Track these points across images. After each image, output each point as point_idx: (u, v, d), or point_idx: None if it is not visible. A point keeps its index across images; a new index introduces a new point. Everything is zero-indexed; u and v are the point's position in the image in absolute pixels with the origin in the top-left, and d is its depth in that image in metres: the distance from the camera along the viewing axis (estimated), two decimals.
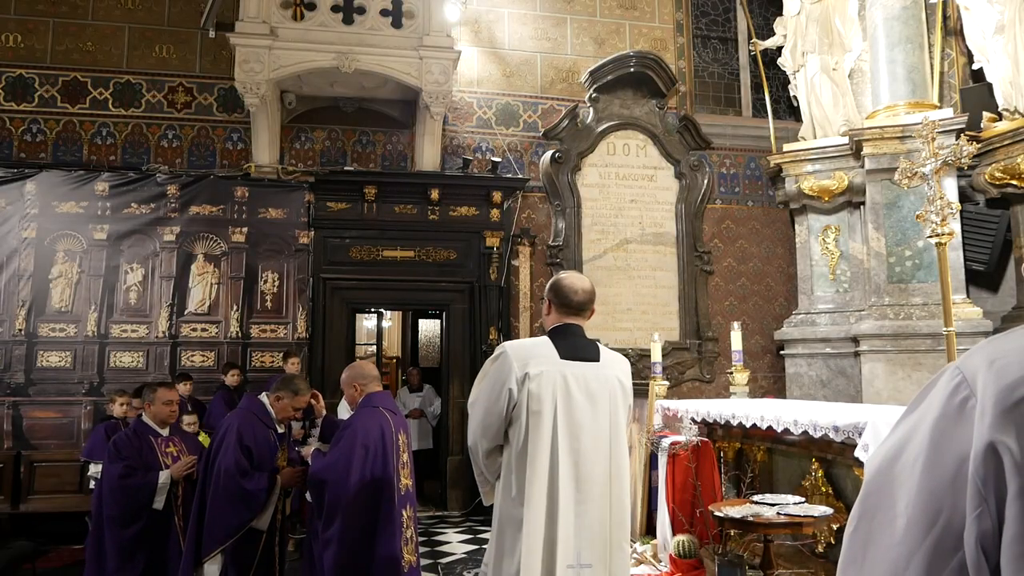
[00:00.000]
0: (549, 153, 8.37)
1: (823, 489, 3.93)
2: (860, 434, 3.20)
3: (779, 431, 3.79)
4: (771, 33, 8.83)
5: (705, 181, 8.78)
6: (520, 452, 2.33)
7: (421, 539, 4.90)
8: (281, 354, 7.16)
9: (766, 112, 8.74)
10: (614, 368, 2.52)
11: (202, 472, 3.73)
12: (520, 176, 8.29)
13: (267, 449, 3.72)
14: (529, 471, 2.29)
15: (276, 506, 3.70)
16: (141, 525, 3.79)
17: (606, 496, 2.36)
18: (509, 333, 8.05)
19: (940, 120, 6.06)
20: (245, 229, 7.50)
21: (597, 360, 2.49)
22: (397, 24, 7.50)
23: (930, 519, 0.61)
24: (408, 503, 3.45)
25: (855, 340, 7.41)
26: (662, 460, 4.44)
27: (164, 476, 3.86)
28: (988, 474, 0.58)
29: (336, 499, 3.27)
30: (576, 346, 2.47)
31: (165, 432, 4.08)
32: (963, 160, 4.71)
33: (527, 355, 2.41)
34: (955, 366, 0.65)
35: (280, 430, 3.90)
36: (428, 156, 7.98)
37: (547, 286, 2.62)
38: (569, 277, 2.59)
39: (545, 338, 2.52)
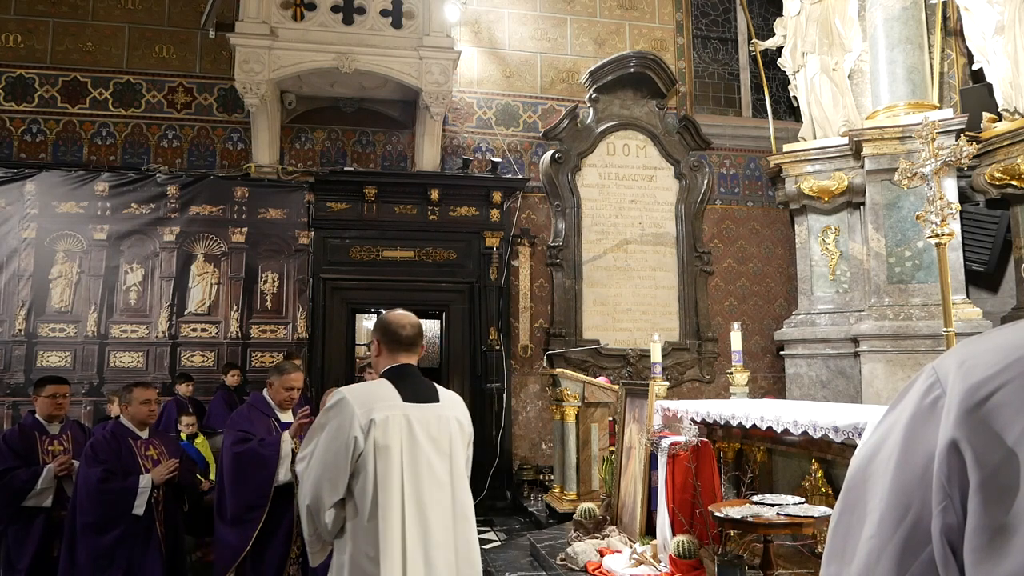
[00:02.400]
0: (549, 153, 8.37)
1: (823, 489, 3.93)
2: (860, 434, 3.20)
3: (779, 431, 3.79)
4: (771, 33, 8.83)
5: (705, 181, 8.79)
6: (370, 503, 2.19)
7: None
8: (282, 355, 7.16)
9: (766, 112, 8.74)
10: (453, 409, 2.46)
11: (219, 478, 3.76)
12: (520, 176, 8.29)
13: (268, 434, 3.74)
14: (382, 523, 2.16)
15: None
16: (120, 532, 3.61)
17: (452, 544, 2.29)
18: (509, 333, 8.06)
19: (940, 120, 6.05)
20: (245, 229, 7.50)
21: (438, 401, 2.41)
22: (397, 24, 7.50)
23: (900, 514, 0.64)
24: None
25: (855, 340, 7.41)
26: (662, 460, 4.44)
27: (145, 480, 3.69)
28: (951, 470, 0.60)
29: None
30: (417, 387, 2.39)
31: (144, 434, 3.90)
32: (963, 161, 4.70)
33: (370, 400, 2.28)
34: (931, 367, 0.68)
35: (286, 419, 3.87)
36: (428, 156, 7.98)
37: (374, 326, 2.53)
38: (394, 314, 2.50)
39: (384, 380, 2.39)
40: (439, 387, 2.51)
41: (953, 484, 0.60)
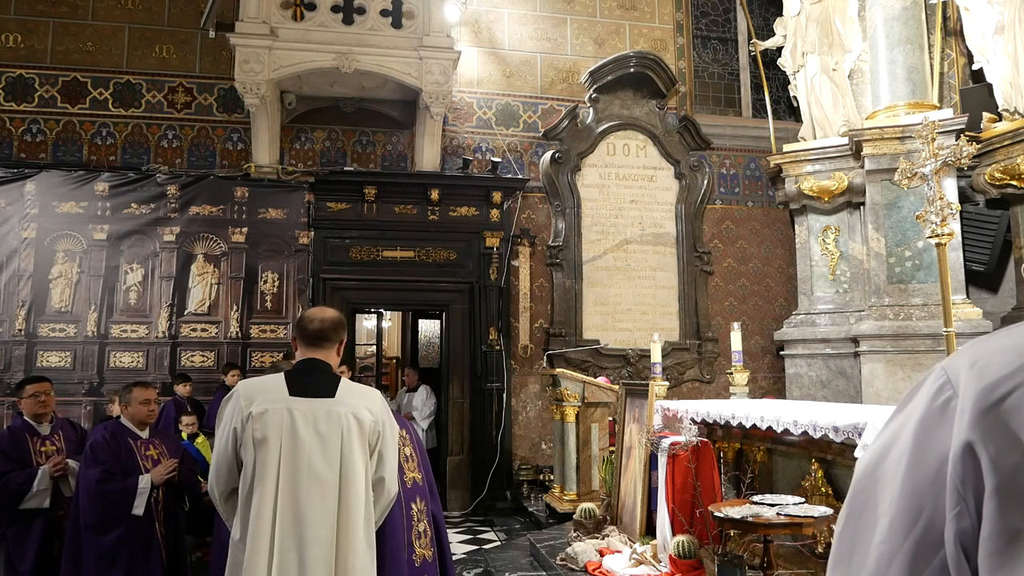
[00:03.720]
0: (549, 153, 8.37)
1: (823, 489, 3.93)
2: (860, 434, 3.20)
3: (779, 431, 3.79)
4: (771, 33, 8.83)
5: (705, 181, 8.79)
6: (246, 493, 2.25)
7: None
8: (281, 355, 7.15)
9: (766, 112, 8.74)
10: (351, 405, 2.38)
11: None
12: (520, 176, 8.29)
13: None
14: (253, 513, 2.20)
15: None
16: (120, 532, 3.61)
17: (330, 540, 2.25)
18: (509, 333, 8.06)
19: (940, 120, 6.05)
20: (245, 229, 7.50)
21: (331, 396, 2.37)
22: (397, 24, 7.50)
23: (912, 518, 0.62)
24: (418, 496, 3.42)
25: (855, 340, 7.41)
26: (662, 460, 4.44)
27: (144, 480, 3.68)
28: (966, 473, 0.58)
29: None
30: (310, 382, 2.38)
31: (144, 434, 3.90)
32: (963, 161, 4.70)
33: (254, 392, 2.33)
34: (941, 367, 0.66)
35: None
36: (428, 156, 7.98)
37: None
38: (311, 309, 2.57)
39: (280, 375, 2.42)
40: (347, 383, 2.46)
41: (968, 487, 0.58)
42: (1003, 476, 0.56)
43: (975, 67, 7.99)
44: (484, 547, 6.18)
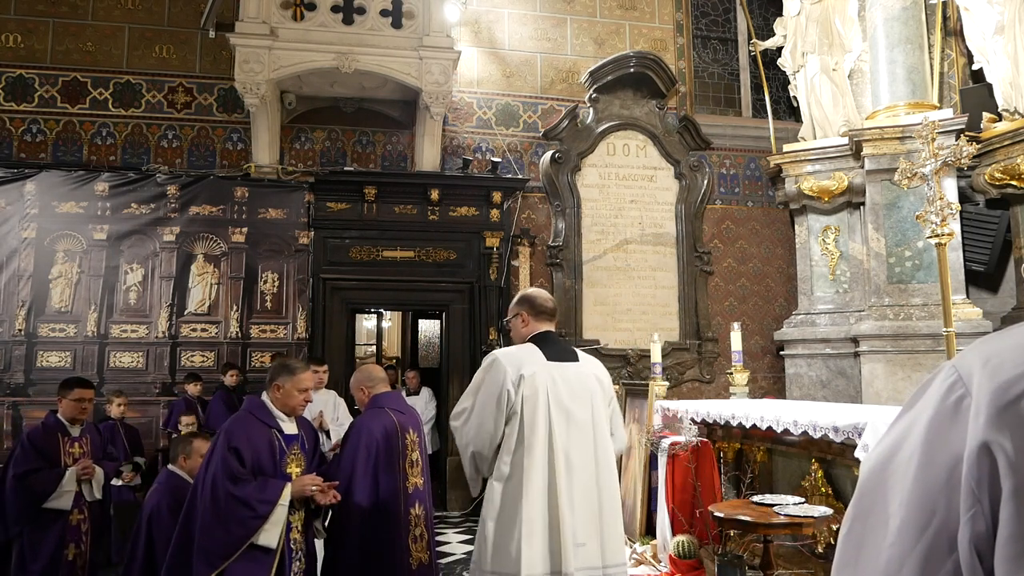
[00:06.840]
0: (549, 153, 8.37)
1: (823, 489, 3.93)
2: (860, 434, 3.20)
3: (779, 431, 3.79)
4: (771, 33, 8.83)
5: (705, 181, 8.78)
6: (518, 445, 2.64)
7: None
8: (274, 354, 7.15)
9: (766, 112, 8.74)
10: (591, 367, 2.88)
11: (191, 490, 3.13)
12: (520, 176, 8.28)
13: (267, 451, 3.09)
14: (527, 461, 2.60)
15: (293, 523, 3.09)
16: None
17: (594, 480, 2.68)
18: (509, 333, 8.04)
19: (940, 120, 6.05)
20: (245, 229, 7.50)
21: (577, 360, 2.85)
22: (397, 24, 7.50)
23: (924, 520, 0.60)
24: (418, 501, 3.45)
25: (855, 341, 7.40)
26: (662, 460, 4.44)
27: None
28: (982, 474, 0.57)
29: (345, 500, 3.28)
30: (558, 349, 2.85)
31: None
32: (963, 161, 4.70)
33: (519, 359, 2.73)
34: (950, 365, 0.64)
35: (290, 431, 3.20)
36: (428, 156, 7.98)
37: (516, 302, 3.02)
38: (536, 290, 3.04)
39: (530, 344, 2.83)
40: (578, 351, 2.94)
41: (983, 489, 0.56)
42: (1022, 477, 0.55)
43: (975, 67, 7.99)
44: None
